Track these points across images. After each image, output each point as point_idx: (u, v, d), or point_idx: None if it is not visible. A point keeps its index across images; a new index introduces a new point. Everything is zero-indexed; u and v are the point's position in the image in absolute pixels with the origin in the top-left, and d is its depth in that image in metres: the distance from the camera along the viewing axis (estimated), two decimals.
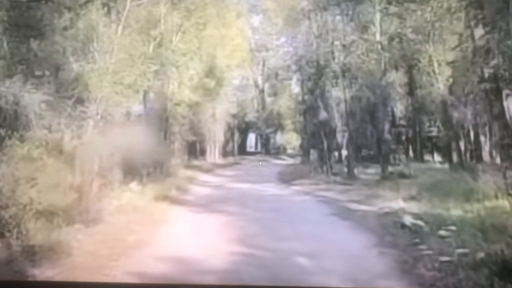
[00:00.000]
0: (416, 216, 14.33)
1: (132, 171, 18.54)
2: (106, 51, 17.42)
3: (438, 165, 21.76)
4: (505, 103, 16.72)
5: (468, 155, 20.91)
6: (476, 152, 20.78)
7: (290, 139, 28.19)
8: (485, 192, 15.18)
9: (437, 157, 22.73)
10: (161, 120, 21.26)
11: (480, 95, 18.45)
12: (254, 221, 15.41)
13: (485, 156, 20.57)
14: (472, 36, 17.62)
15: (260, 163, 26.69)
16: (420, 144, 23.17)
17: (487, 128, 20.59)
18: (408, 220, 13.86)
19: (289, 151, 27.99)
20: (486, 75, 16.98)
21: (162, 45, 20.63)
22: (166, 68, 20.93)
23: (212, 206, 17.79)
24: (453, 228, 12.95)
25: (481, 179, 16.50)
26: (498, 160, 19.23)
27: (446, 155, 21.40)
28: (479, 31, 17.14)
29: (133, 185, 18.46)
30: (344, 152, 22.88)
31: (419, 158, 22.87)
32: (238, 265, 11.21)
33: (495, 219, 12.75)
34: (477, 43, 17.22)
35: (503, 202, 14.14)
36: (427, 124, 22.89)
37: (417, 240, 12.52)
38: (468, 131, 20.96)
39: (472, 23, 17.50)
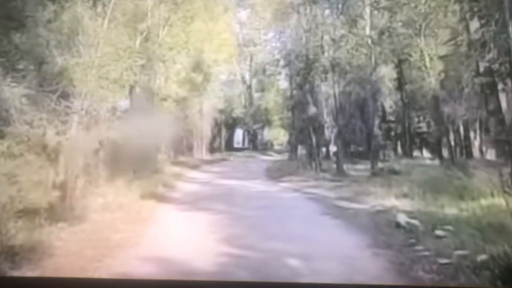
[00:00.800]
0: (410, 214, 13.80)
1: (118, 167, 17.71)
2: (91, 44, 17.00)
3: (427, 161, 21.25)
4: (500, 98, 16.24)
5: (458, 152, 20.35)
6: (466, 148, 20.23)
7: (277, 135, 27.78)
8: (480, 190, 14.68)
9: (426, 153, 22.22)
10: (148, 116, 20.28)
11: (474, 90, 18.07)
12: (242, 219, 14.85)
13: (475, 152, 20.05)
14: (467, 29, 17.10)
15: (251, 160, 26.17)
16: (409, 140, 22.58)
17: (477, 124, 20.06)
18: (402, 219, 13.30)
19: (276, 147, 27.52)
20: (482, 69, 16.47)
21: (149, 39, 20.15)
22: (152, 63, 20.45)
23: (200, 204, 17.21)
24: (449, 227, 12.44)
25: (474, 176, 16.05)
26: (488, 156, 19.14)
27: (436, 151, 20.91)
28: (474, 24, 16.66)
29: (119, 182, 17.62)
30: (333, 148, 22.34)
31: (408, 154, 22.30)
32: (226, 266, 10.77)
33: (492, 218, 12.25)
34: (472, 36, 16.71)
35: (499, 200, 13.57)
36: (416, 119, 22.32)
37: (412, 241, 12.01)
38: (458, 127, 20.38)
39: (468, 15, 17.02)
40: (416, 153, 22.70)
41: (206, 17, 22.59)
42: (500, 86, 16.12)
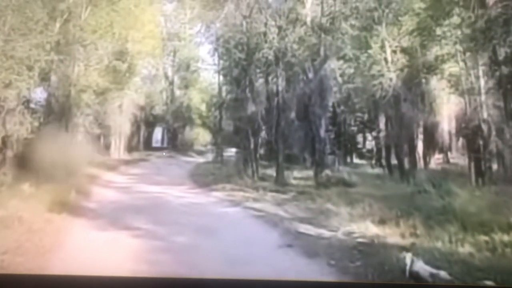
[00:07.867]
0: (417, 254, 8.54)
1: (25, 169, 14.02)
2: None
3: (369, 170, 16.98)
4: None
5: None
6: (410, 156, 16.10)
7: (200, 135, 23.62)
8: (486, 217, 9.70)
9: (360, 160, 18.04)
10: (63, 109, 16.80)
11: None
12: (178, 252, 10.05)
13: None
14: (483, 2, 11.84)
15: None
16: (344, 146, 17.92)
17: (420, 129, 16.50)
18: (421, 267, 7.95)
19: (199, 147, 23.12)
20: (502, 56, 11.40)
21: (70, 20, 16.23)
22: (71, 47, 16.41)
23: (120, 219, 12.60)
24: (490, 283, 7.27)
25: (453, 194, 11.27)
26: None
27: (379, 160, 17.08)
28: None
29: (26, 186, 13.75)
30: (260, 151, 17.69)
31: (343, 161, 17.54)
32: None
33: None
34: (491, 13, 11.54)
35: None
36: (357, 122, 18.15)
37: None
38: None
39: None
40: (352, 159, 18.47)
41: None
42: None
